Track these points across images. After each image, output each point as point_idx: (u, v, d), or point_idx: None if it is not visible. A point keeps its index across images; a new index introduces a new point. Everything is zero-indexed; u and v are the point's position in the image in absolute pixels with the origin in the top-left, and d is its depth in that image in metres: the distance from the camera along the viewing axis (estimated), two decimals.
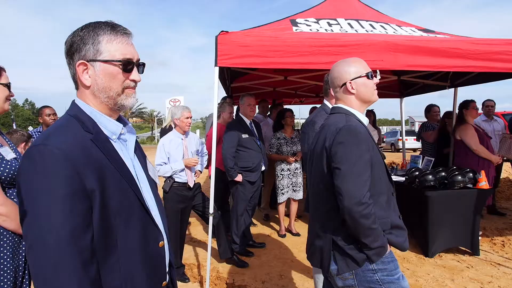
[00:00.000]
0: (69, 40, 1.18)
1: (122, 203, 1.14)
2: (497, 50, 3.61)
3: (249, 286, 3.64)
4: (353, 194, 1.60)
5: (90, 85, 1.17)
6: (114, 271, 1.11)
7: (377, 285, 1.71)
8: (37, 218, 1.00)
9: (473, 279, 3.62)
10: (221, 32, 3.40)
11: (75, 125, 1.15)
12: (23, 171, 1.04)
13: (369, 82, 1.85)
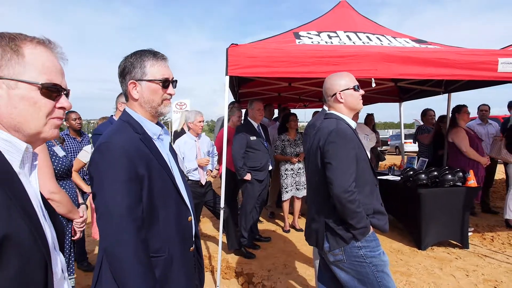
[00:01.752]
0: (122, 64, 1.59)
1: (162, 187, 1.54)
2: (481, 60, 3.96)
3: (256, 274, 4.02)
4: (341, 183, 1.98)
5: (138, 98, 1.58)
6: (156, 237, 1.50)
7: (361, 259, 2.09)
8: (105, 195, 1.40)
9: (459, 268, 3.98)
10: (231, 45, 3.80)
11: (128, 128, 1.55)
12: (94, 162, 1.44)
13: (355, 93, 2.24)
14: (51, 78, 0.94)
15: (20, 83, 0.90)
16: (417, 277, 3.79)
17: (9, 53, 0.89)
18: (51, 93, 0.95)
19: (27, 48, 0.92)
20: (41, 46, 0.95)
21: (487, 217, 6.16)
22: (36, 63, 0.92)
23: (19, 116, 0.91)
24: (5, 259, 0.78)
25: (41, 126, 0.94)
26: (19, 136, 0.92)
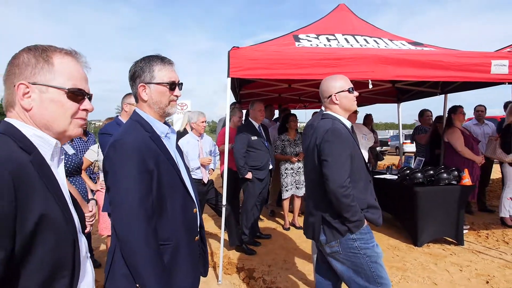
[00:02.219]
0: (132, 69, 1.73)
1: (170, 180, 1.67)
2: (475, 62, 4.10)
3: (257, 269, 4.15)
4: (337, 179, 2.12)
5: (147, 100, 1.71)
6: (165, 226, 1.63)
7: (356, 250, 2.22)
8: (119, 187, 1.53)
9: (454, 263, 4.11)
10: (233, 48, 3.94)
11: (138, 127, 1.68)
12: (109, 158, 1.57)
13: (350, 95, 2.37)
14: (76, 83, 1.09)
15: (50, 88, 1.04)
16: (412, 272, 3.92)
17: (41, 62, 1.04)
18: (76, 97, 1.09)
19: (56, 58, 1.06)
20: (68, 56, 1.09)
21: (483, 215, 6.28)
22: (64, 71, 1.07)
23: (49, 116, 1.05)
24: (44, 234, 0.93)
25: (67, 125, 1.09)
26: (49, 133, 1.07)
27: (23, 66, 1.03)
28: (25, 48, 1.06)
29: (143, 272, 1.48)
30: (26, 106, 1.03)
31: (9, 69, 1.04)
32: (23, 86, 1.03)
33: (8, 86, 1.04)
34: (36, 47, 1.06)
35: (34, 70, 1.03)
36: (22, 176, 0.92)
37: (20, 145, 0.98)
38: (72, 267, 1.04)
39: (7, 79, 1.04)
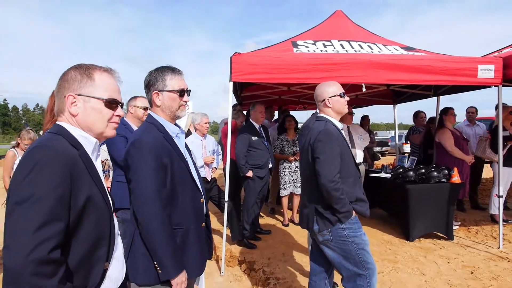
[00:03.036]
0: (147, 78, 2.00)
1: (180, 174, 1.94)
2: (462, 67, 4.37)
3: (257, 261, 4.42)
4: (327, 174, 2.38)
5: (160, 105, 1.98)
6: (176, 213, 1.89)
7: (345, 238, 2.49)
8: (139, 180, 1.80)
9: (442, 256, 4.37)
10: (235, 54, 4.21)
11: (153, 128, 1.95)
12: (130, 154, 1.84)
13: (341, 99, 2.64)
14: (111, 94, 1.37)
15: (91, 99, 1.32)
16: (402, 263, 4.18)
17: (85, 78, 1.32)
18: (111, 105, 1.37)
19: (96, 74, 1.34)
20: (105, 73, 1.37)
21: (475, 212, 6.55)
22: (102, 84, 1.35)
23: (91, 121, 1.33)
24: (89, 212, 1.21)
25: (104, 127, 1.37)
26: (91, 134, 1.35)
27: (71, 81, 1.31)
28: (73, 67, 1.34)
29: (159, 251, 1.74)
30: (73, 112, 1.31)
31: (60, 84, 1.33)
32: (71, 97, 1.30)
33: (59, 97, 1.32)
34: (81, 66, 1.34)
35: (79, 84, 1.31)
36: (75, 166, 1.19)
37: (71, 143, 1.26)
38: (109, 239, 1.32)
39: (58, 91, 1.32)
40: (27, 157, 1.14)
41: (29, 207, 1.06)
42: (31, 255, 1.02)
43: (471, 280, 3.72)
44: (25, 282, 1.01)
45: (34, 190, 1.07)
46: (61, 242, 1.12)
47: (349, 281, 2.55)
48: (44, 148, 1.16)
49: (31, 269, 1.01)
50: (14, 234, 1.05)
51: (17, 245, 1.03)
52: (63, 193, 1.13)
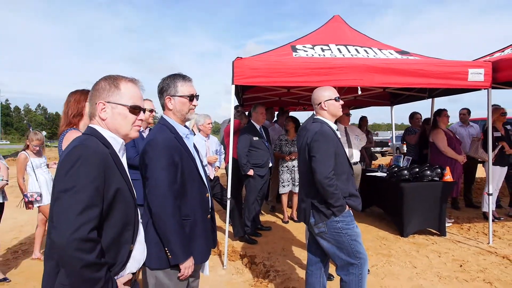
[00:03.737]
0: (160, 84, 2.23)
1: (189, 171, 2.16)
2: (453, 71, 4.60)
3: (258, 256, 4.64)
4: (323, 171, 2.61)
5: (172, 109, 2.21)
6: (186, 205, 2.12)
7: (339, 230, 2.71)
8: (154, 175, 2.02)
9: (434, 251, 4.60)
10: (237, 58, 4.43)
11: (165, 130, 2.18)
12: (146, 152, 2.06)
13: (336, 103, 2.86)
14: (135, 102, 1.60)
15: (118, 105, 1.55)
16: (396, 257, 4.41)
17: (112, 88, 1.55)
18: (135, 111, 1.60)
19: (122, 84, 1.57)
20: (130, 83, 1.60)
21: (469, 210, 6.77)
22: (127, 93, 1.58)
23: (117, 124, 1.56)
24: (118, 201, 1.44)
25: (129, 130, 1.60)
26: (118, 135, 1.58)
27: (101, 90, 1.54)
28: (102, 78, 1.57)
29: (170, 238, 1.97)
30: (103, 117, 1.54)
31: (92, 92, 1.56)
32: (101, 104, 1.54)
33: (91, 103, 1.55)
34: (110, 77, 1.57)
35: (108, 93, 1.54)
36: (107, 162, 1.42)
37: (102, 142, 1.49)
38: (134, 224, 1.55)
39: (90, 99, 1.56)
40: (69, 154, 1.37)
41: (72, 195, 1.29)
42: (74, 234, 1.25)
43: (460, 273, 3.95)
44: (69, 256, 1.25)
45: (76, 181, 1.31)
46: (97, 225, 1.35)
47: (343, 270, 2.77)
48: (83, 147, 1.39)
49: (74, 245, 1.25)
50: (61, 216, 1.28)
51: (63, 226, 1.27)
52: (98, 185, 1.36)
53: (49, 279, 1.38)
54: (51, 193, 4.15)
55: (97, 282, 1.32)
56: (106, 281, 1.36)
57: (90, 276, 1.29)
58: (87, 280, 1.29)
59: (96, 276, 1.31)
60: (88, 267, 1.28)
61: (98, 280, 1.32)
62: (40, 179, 4.56)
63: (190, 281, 2.24)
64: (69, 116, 2.81)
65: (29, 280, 4.06)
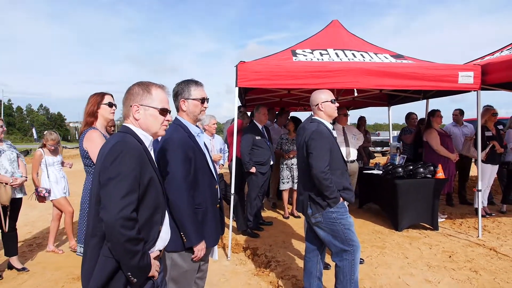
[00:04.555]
0: (175, 89, 2.51)
1: (201, 165, 2.46)
2: (444, 74, 4.87)
3: (260, 248, 4.93)
4: (319, 167, 2.90)
5: (186, 110, 2.50)
6: (198, 195, 2.41)
7: (334, 220, 2.99)
8: (171, 169, 2.31)
9: (425, 243, 4.89)
10: (240, 62, 4.72)
11: (180, 129, 2.47)
12: (163, 149, 2.35)
13: (332, 105, 3.15)
14: (164, 105, 1.89)
15: (150, 108, 1.84)
16: (389, 249, 4.70)
17: (145, 92, 1.84)
18: (163, 112, 1.89)
19: (153, 90, 1.87)
20: (159, 88, 1.89)
21: (462, 207, 7.06)
22: (157, 97, 1.87)
23: (149, 124, 1.85)
24: (150, 188, 1.74)
25: (158, 128, 1.89)
26: (148, 133, 1.87)
27: (135, 95, 1.84)
28: (136, 83, 1.87)
29: (185, 223, 2.26)
30: (136, 117, 1.83)
31: (126, 96, 1.86)
32: (136, 106, 1.83)
33: (126, 105, 1.84)
34: (142, 83, 1.87)
35: (141, 97, 1.83)
36: (142, 155, 1.72)
37: (136, 139, 1.78)
38: (162, 208, 1.84)
39: (125, 102, 1.85)
40: (112, 149, 1.65)
41: (117, 182, 1.58)
42: (120, 213, 1.55)
43: (448, 262, 4.23)
44: (116, 232, 1.54)
45: (119, 171, 1.60)
46: (136, 207, 1.64)
47: (337, 256, 3.06)
48: (124, 142, 1.69)
49: (119, 223, 1.54)
50: (108, 199, 1.57)
51: (110, 207, 1.56)
52: (136, 174, 1.65)
53: (93, 253, 1.67)
54: (63, 189, 4.44)
55: (136, 254, 1.61)
56: (143, 253, 1.65)
57: (131, 249, 1.58)
58: (128, 252, 1.58)
59: (135, 249, 1.60)
60: (130, 241, 1.57)
61: (137, 252, 1.61)
62: (51, 176, 4.84)
63: (201, 264, 2.54)
64: (86, 116, 3.11)
65: (45, 270, 4.35)
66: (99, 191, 1.64)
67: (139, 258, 1.62)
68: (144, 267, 1.67)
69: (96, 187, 1.68)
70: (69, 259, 4.70)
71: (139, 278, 1.67)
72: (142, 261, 1.65)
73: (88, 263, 1.70)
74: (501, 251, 4.57)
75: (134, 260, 1.60)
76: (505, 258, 4.33)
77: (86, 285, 1.69)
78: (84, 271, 1.73)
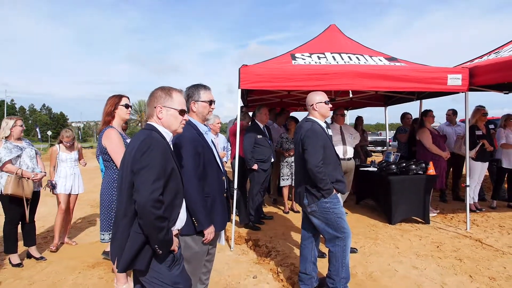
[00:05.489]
0: (186, 92, 2.85)
1: (209, 159, 2.79)
2: (434, 76, 5.19)
3: (261, 240, 5.26)
4: (313, 161, 3.23)
5: (195, 111, 2.83)
6: (207, 185, 2.73)
7: (327, 209, 3.32)
8: (184, 162, 2.64)
9: (416, 235, 5.22)
10: (243, 66, 5.05)
11: (190, 128, 2.80)
12: (176, 145, 2.68)
13: (325, 105, 3.48)
14: (182, 106, 2.23)
15: (171, 109, 2.18)
16: (382, 240, 5.03)
17: (167, 96, 2.19)
18: (182, 113, 2.22)
19: (173, 93, 2.21)
20: (178, 93, 2.24)
21: (455, 203, 7.38)
22: (177, 100, 2.21)
23: (170, 123, 2.19)
24: (172, 177, 2.07)
25: (177, 126, 2.23)
26: (169, 130, 2.21)
27: (158, 97, 2.18)
28: (158, 88, 2.21)
29: (196, 209, 2.59)
30: (160, 117, 2.17)
31: (150, 99, 2.20)
32: (159, 107, 2.17)
33: (150, 107, 2.19)
34: (164, 88, 2.21)
35: (164, 100, 2.17)
36: (165, 149, 2.06)
37: (160, 135, 2.12)
38: (181, 194, 2.18)
39: (149, 103, 2.20)
40: (141, 143, 1.99)
41: (147, 171, 1.92)
42: (150, 196, 1.88)
43: (436, 252, 4.56)
44: (147, 211, 1.88)
45: (149, 161, 1.94)
46: (162, 192, 1.97)
47: (330, 242, 3.38)
48: (151, 138, 2.03)
49: (150, 204, 1.88)
50: (141, 184, 1.91)
51: (143, 190, 1.90)
52: (162, 164, 1.99)
53: (123, 231, 2.00)
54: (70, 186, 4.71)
55: (162, 230, 1.95)
56: (167, 230, 1.99)
57: (159, 225, 1.92)
58: (156, 228, 1.92)
59: (162, 225, 1.94)
60: (158, 219, 1.91)
61: (163, 228, 1.95)
62: (62, 172, 5.15)
63: (209, 248, 2.87)
64: (104, 116, 3.46)
65: (61, 259, 4.69)
66: (131, 178, 1.98)
67: (164, 233, 1.96)
68: (168, 241, 2.01)
69: (128, 175, 2.01)
70: (82, 250, 5.04)
71: (164, 250, 2.01)
72: (167, 236, 1.99)
73: (119, 240, 2.03)
74: (486, 242, 4.90)
75: (160, 234, 1.94)
76: (488, 248, 4.65)
77: (118, 259, 2.02)
78: (114, 248, 2.07)
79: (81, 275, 4.11)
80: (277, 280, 3.92)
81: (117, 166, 3.27)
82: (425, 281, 3.72)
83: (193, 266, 2.73)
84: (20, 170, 4.22)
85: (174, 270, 2.14)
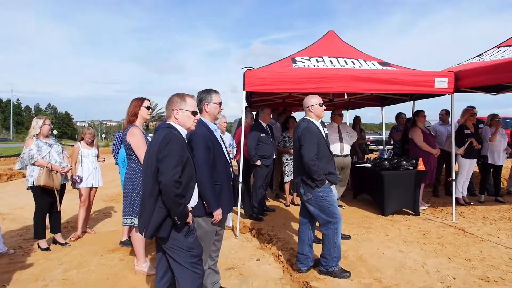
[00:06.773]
0: (199, 95, 3.35)
1: (218, 152, 3.28)
2: (422, 79, 5.67)
3: (264, 229, 5.76)
4: (308, 156, 3.73)
5: (208, 111, 3.34)
6: (216, 174, 3.22)
7: (321, 198, 3.81)
8: (198, 155, 3.14)
9: (405, 225, 5.70)
10: (247, 69, 5.54)
11: (202, 126, 3.30)
12: (191, 141, 3.19)
13: (320, 107, 3.98)
14: (194, 108, 2.75)
15: (185, 111, 2.70)
16: (373, 229, 5.52)
17: (182, 100, 2.70)
18: (194, 114, 2.74)
19: (187, 98, 2.72)
20: (191, 97, 2.75)
21: (446, 198, 7.84)
22: (190, 103, 2.72)
23: (185, 122, 2.71)
24: (187, 164, 2.59)
25: (190, 125, 2.75)
26: (184, 128, 2.72)
27: (175, 102, 2.69)
28: (175, 94, 2.72)
29: (207, 193, 3.08)
30: (176, 117, 2.68)
31: (169, 103, 2.71)
32: (176, 110, 2.68)
33: (169, 109, 2.70)
34: (179, 94, 2.72)
35: (179, 103, 2.68)
36: (182, 142, 2.57)
37: (178, 133, 2.63)
38: (194, 179, 2.70)
39: (168, 107, 2.71)
40: (164, 138, 2.50)
41: (170, 158, 2.43)
42: (172, 177, 2.40)
43: (421, 239, 5.05)
44: (170, 189, 2.39)
45: (170, 151, 2.45)
46: (180, 175, 2.48)
47: (324, 226, 3.88)
48: (171, 134, 2.54)
49: (172, 183, 2.39)
50: (165, 168, 2.42)
51: (166, 173, 2.41)
52: (180, 154, 2.50)
53: (150, 207, 2.52)
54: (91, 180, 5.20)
55: (181, 205, 2.46)
56: (184, 205, 2.51)
57: (178, 201, 2.43)
58: (176, 203, 2.43)
59: (181, 201, 2.46)
60: (177, 196, 2.42)
61: (181, 204, 2.46)
62: (85, 167, 5.66)
63: (218, 229, 3.37)
64: (129, 115, 3.97)
65: (84, 244, 5.22)
66: (156, 165, 2.49)
67: (182, 207, 2.48)
68: (185, 214, 2.52)
69: (153, 163, 2.52)
70: (101, 238, 5.57)
71: (182, 221, 2.52)
72: (184, 210, 2.50)
73: (146, 214, 2.55)
74: (468, 230, 5.37)
75: (179, 208, 2.46)
76: (470, 236, 5.13)
77: (145, 229, 2.54)
78: (142, 221, 2.60)
79: (104, 258, 4.63)
80: (277, 262, 4.42)
81: (140, 159, 3.79)
82: (408, 262, 4.20)
83: (204, 243, 3.22)
84: (50, 164, 4.75)
85: (189, 238, 2.66)
